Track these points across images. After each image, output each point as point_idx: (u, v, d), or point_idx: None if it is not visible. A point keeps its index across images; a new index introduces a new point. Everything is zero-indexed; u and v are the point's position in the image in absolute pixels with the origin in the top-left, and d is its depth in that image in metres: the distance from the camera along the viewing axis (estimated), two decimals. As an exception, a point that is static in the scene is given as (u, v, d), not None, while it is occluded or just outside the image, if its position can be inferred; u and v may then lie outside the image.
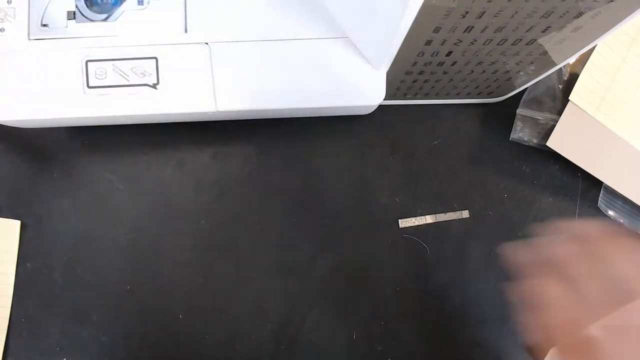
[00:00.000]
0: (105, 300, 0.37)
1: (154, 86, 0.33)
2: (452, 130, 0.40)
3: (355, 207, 0.38)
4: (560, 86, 0.39)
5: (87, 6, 0.33)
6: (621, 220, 0.39)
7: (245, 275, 0.37)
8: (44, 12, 0.33)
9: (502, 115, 0.40)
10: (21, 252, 0.37)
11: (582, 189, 0.40)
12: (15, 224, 0.37)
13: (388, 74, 0.33)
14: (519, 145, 0.40)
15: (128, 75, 0.33)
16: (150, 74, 0.33)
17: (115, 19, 0.34)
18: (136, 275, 0.37)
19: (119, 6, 0.34)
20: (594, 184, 0.39)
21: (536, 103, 0.39)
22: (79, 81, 0.33)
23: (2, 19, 0.33)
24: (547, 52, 0.31)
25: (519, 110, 0.39)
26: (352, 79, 0.34)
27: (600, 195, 0.39)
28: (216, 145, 0.39)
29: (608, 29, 0.28)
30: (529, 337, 0.33)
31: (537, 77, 0.35)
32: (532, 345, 0.31)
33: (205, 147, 0.39)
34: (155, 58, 0.33)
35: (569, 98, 0.38)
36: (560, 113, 0.38)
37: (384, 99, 0.34)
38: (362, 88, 0.34)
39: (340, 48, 0.34)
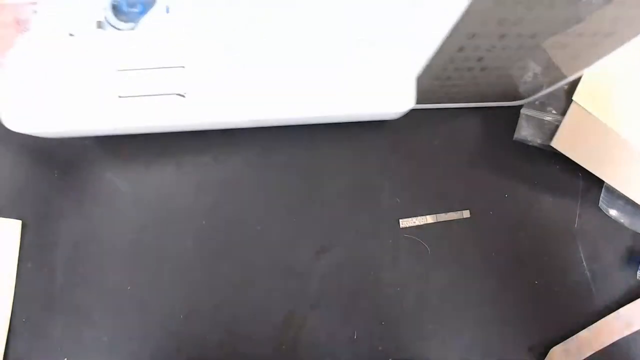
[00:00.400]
0: (106, 300, 0.37)
1: (183, 95, 0.32)
2: (453, 130, 0.40)
3: (356, 207, 0.38)
4: (565, 86, 0.39)
5: (115, 15, 0.33)
6: (622, 221, 0.39)
7: (246, 275, 0.37)
8: (70, 22, 0.33)
9: (503, 115, 0.40)
10: (22, 252, 0.37)
11: (583, 189, 0.40)
12: (16, 224, 0.37)
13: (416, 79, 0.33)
14: (519, 144, 0.40)
15: (156, 85, 0.32)
16: (179, 83, 0.32)
17: (143, 28, 0.33)
18: (137, 275, 0.37)
19: (146, 14, 0.33)
20: (595, 184, 0.39)
21: (540, 103, 0.39)
22: (108, 91, 0.32)
23: (28, 29, 0.33)
24: (578, 56, 0.31)
25: (523, 110, 0.39)
26: (382, 85, 0.34)
27: (601, 195, 0.39)
28: (217, 146, 0.39)
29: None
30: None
31: (564, 80, 0.35)
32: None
33: (206, 148, 0.39)
34: (183, 66, 0.32)
35: (573, 98, 0.38)
36: (564, 113, 0.38)
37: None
38: (392, 94, 0.34)
39: (370, 54, 0.33)
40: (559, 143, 0.38)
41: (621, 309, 0.38)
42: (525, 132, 0.39)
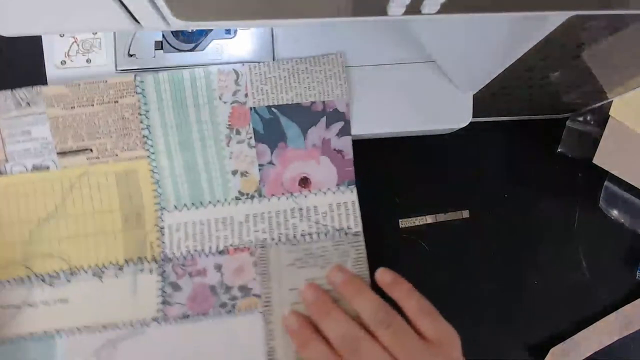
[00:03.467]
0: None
1: None
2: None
3: (356, 207, 0.38)
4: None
5: (174, 36, 0.33)
6: (622, 221, 0.39)
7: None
8: (130, 43, 0.33)
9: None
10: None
11: (583, 189, 0.40)
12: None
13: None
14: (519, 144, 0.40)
15: None
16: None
17: (203, 49, 0.33)
18: None
19: (206, 36, 0.33)
20: (595, 184, 0.39)
21: (584, 116, 0.39)
22: None
23: (88, 49, 0.33)
24: (633, 76, 0.31)
25: (568, 123, 0.39)
26: (439, 103, 0.34)
27: (601, 195, 0.39)
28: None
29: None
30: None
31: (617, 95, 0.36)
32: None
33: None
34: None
35: (610, 113, 0.38)
36: (600, 125, 0.38)
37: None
38: (449, 111, 0.34)
39: (427, 72, 0.34)
40: (600, 159, 0.37)
41: (621, 309, 0.38)
42: (569, 145, 0.39)
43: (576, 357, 0.37)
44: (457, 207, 0.39)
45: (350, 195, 0.34)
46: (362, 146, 0.39)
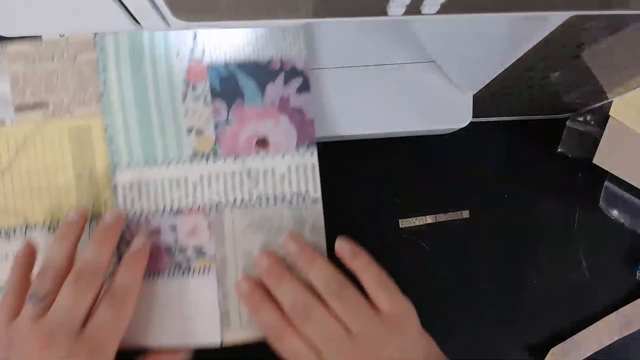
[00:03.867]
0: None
1: None
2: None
3: (356, 207, 0.38)
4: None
5: None
6: (622, 221, 0.39)
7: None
8: None
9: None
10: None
11: (583, 189, 0.40)
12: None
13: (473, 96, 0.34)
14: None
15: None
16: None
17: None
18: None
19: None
20: (595, 184, 0.39)
21: (584, 116, 0.39)
22: None
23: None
24: (633, 76, 0.31)
25: (568, 123, 0.39)
26: (438, 103, 0.34)
27: (601, 195, 0.39)
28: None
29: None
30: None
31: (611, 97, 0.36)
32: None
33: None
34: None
35: (610, 114, 0.38)
36: (600, 125, 0.38)
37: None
38: (449, 112, 0.34)
39: (426, 72, 0.34)
40: (600, 159, 0.37)
41: (621, 309, 0.38)
42: (569, 145, 0.39)
43: (576, 357, 0.37)
44: (457, 207, 0.39)
45: (310, 158, 0.33)
46: (362, 146, 0.39)
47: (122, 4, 0.16)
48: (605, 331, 0.37)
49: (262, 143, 0.33)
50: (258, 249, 0.32)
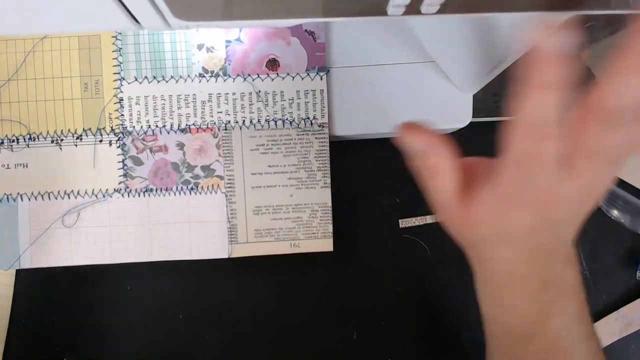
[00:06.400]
0: (106, 299, 0.37)
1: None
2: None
3: (356, 207, 0.38)
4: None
5: None
6: (622, 221, 0.39)
7: (246, 275, 0.37)
8: None
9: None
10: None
11: (582, 189, 0.40)
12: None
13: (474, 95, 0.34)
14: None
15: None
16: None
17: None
18: (137, 274, 0.37)
19: None
20: (595, 184, 0.39)
21: None
22: None
23: None
24: None
25: None
26: (439, 103, 0.34)
27: (601, 195, 0.39)
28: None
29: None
30: None
31: None
32: None
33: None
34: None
35: None
36: None
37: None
38: (450, 111, 0.34)
39: (426, 72, 0.34)
40: None
41: (621, 309, 0.38)
42: None
43: (576, 357, 0.37)
44: (457, 207, 0.39)
45: (320, 83, 0.33)
46: (362, 146, 0.39)
47: (122, 3, 0.16)
48: (605, 331, 0.37)
49: (272, 64, 0.33)
50: (265, 171, 0.33)
